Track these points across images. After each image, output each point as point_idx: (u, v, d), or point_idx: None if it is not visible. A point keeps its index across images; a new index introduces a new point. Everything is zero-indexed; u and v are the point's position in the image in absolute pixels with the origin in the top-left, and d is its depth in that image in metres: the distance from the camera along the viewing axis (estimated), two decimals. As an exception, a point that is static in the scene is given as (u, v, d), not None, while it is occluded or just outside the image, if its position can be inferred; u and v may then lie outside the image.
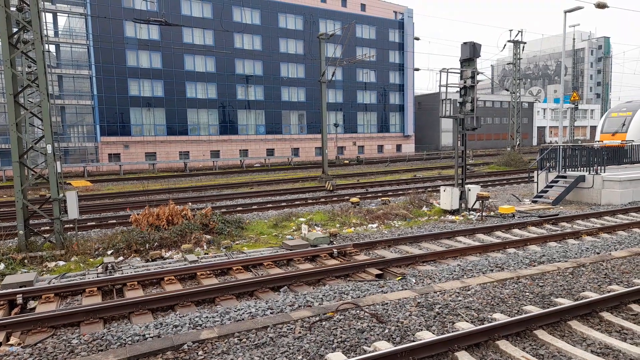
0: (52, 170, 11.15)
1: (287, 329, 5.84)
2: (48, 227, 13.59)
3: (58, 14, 42.08)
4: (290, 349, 5.35)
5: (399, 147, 61.46)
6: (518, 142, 40.33)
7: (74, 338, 5.89)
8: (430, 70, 31.46)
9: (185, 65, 45.62)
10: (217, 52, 46.07)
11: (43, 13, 11.21)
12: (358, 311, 6.37)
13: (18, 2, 11.36)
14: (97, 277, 8.80)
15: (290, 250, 10.56)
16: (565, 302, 6.58)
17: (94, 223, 14.93)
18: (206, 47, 46.31)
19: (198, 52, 45.95)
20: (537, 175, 18.97)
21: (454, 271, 8.46)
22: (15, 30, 11.28)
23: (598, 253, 9.76)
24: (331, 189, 22.41)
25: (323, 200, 19.10)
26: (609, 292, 7.15)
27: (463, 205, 15.48)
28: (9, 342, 6.01)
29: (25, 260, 10.08)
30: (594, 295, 6.86)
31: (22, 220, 10.91)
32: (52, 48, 41.90)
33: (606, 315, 6.28)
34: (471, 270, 8.53)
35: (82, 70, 41.60)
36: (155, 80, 44.43)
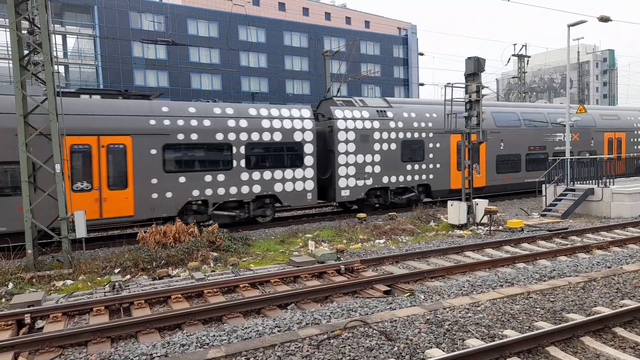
0: (60, 189, 11.25)
1: (295, 348, 5.78)
2: (56, 246, 13.64)
3: (67, 35, 42.96)
4: (298, 367, 5.28)
5: (405, 162, 61.40)
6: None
7: (82, 358, 5.86)
8: (435, 85, 31.67)
9: (192, 83, 46.22)
10: (223, 71, 46.66)
11: (53, 35, 11.46)
12: (366, 328, 6.29)
13: (29, 26, 11.64)
14: (105, 295, 8.80)
15: (297, 267, 10.51)
16: (577, 318, 6.47)
17: (101, 241, 14.98)
18: (212, 66, 46.93)
19: (205, 70, 46.57)
20: (546, 188, 18.83)
21: (463, 287, 8.36)
22: (26, 52, 11.51)
23: (609, 267, 9.62)
24: (337, 204, 22.34)
25: (329, 216, 19.05)
26: (621, 307, 7.02)
27: (471, 219, 15.37)
28: (16, 363, 5.99)
29: (34, 280, 10.11)
30: (606, 311, 6.73)
31: (31, 240, 10.97)
32: (62, 69, 42.67)
33: (619, 330, 6.16)
34: (480, 285, 8.43)
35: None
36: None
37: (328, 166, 17.92)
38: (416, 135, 19.16)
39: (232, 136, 15.54)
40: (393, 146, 18.52)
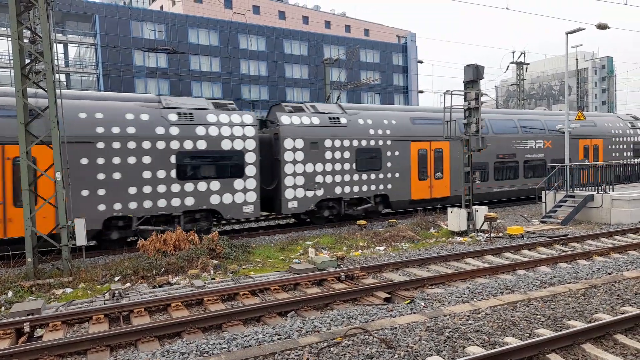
0: (61, 197, 11.26)
1: (295, 356, 5.76)
2: (56, 254, 13.62)
3: (69, 44, 43.23)
4: (298, 376, 5.25)
5: (405, 169, 61.46)
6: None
7: (81, 366, 5.84)
8: (435, 92, 31.80)
9: (192, 91, 46.38)
10: (224, 79, 46.86)
11: (54, 44, 11.54)
12: (366, 336, 6.27)
13: (31, 35, 11.73)
14: (104, 304, 8.78)
15: (297, 274, 10.49)
16: (578, 325, 6.45)
17: (101, 249, 14.95)
18: (213, 74, 47.15)
19: (205, 79, 46.77)
20: (545, 195, 18.84)
21: (464, 294, 8.34)
22: (27, 61, 11.59)
23: (610, 273, 9.60)
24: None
25: (329, 222, 19.03)
26: (622, 313, 7.00)
27: (471, 226, 15.36)
28: (15, 372, 5.96)
29: (33, 288, 10.09)
30: (607, 317, 6.71)
31: (31, 248, 10.97)
32: (63, 77, 42.86)
33: (620, 337, 6.14)
34: (481, 292, 8.41)
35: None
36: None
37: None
38: None
39: None
40: None
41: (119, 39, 42.31)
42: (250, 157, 15.78)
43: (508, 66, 37.43)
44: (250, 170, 15.76)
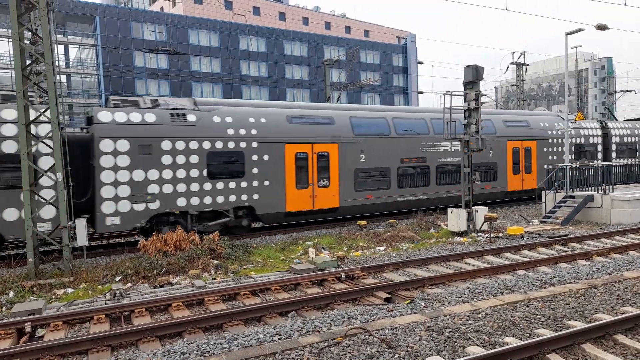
0: (62, 197, 11.29)
1: (296, 355, 5.78)
2: (57, 254, 13.64)
3: (69, 45, 43.27)
4: (298, 375, 5.27)
5: (405, 170, 61.46)
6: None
7: (82, 366, 5.85)
8: (435, 93, 31.85)
9: (193, 92, 46.41)
10: (224, 80, 46.89)
11: (55, 45, 11.57)
12: (367, 336, 6.29)
13: (32, 36, 11.76)
14: (105, 304, 8.80)
15: (298, 274, 10.51)
16: (578, 325, 6.46)
17: (102, 249, 14.98)
18: (213, 75, 47.17)
19: (205, 79, 46.80)
20: (545, 195, 18.86)
21: (464, 294, 8.36)
22: (28, 62, 11.61)
23: (610, 274, 9.62)
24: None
25: (330, 223, 19.04)
26: (622, 314, 7.01)
27: (471, 226, 15.38)
28: (17, 371, 5.98)
29: (35, 288, 10.11)
30: (607, 318, 6.72)
31: (32, 248, 10.99)
32: (63, 78, 42.90)
33: (620, 337, 6.15)
34: (481, 292, 8.43)
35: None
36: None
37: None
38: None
39: None
40: None
41: (120, 40, 42.35)
42: (47, 163, 12.75)
43: (508, 67, 37.47)
44: (48, 179, 12.61)
